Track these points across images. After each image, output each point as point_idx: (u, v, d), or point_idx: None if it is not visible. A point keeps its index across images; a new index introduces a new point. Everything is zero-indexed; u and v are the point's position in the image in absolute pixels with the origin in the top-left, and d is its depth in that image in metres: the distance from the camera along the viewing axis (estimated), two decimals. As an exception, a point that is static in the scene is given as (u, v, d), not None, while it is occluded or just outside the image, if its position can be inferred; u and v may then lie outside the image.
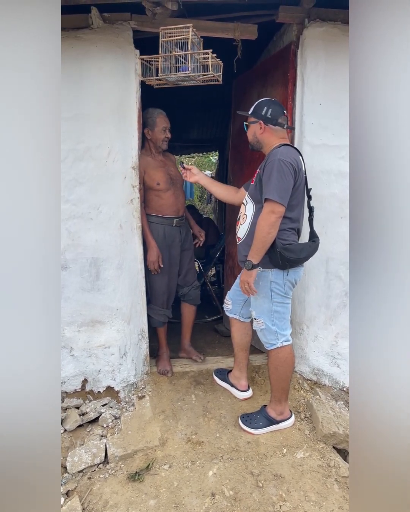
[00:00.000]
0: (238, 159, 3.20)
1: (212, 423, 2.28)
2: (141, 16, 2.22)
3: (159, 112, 2.55)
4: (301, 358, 2.63)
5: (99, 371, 2.45)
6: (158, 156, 2.63)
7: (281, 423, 2.22)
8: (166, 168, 2.64)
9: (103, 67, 2.25)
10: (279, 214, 1.90)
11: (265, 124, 2.06)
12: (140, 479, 1.90)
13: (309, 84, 2.39)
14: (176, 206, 2.64)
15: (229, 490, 1.85)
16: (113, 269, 2.43)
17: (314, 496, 1.83)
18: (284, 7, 2.28)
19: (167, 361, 2.74)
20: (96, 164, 2.33)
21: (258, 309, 2.14)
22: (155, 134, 2.54)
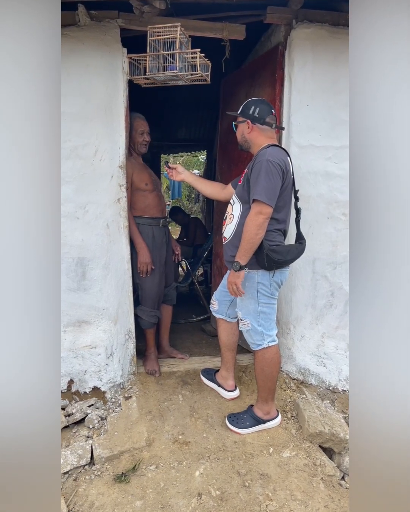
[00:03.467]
0: (226, 159, 3.20)
1: (198, 423, 2.28)
2: (129, 14, 2.21)
3: (136, 116, 2.56)
4: (288, 358, 2.65)
5: (85, 372, 2.43)
6: (139, 159, 2.67)
7: (267, 423, 2.23)
8: (149, 170, 2.70)
9: (90, 65, 2.23)
10: (266, 215, 1.91)
11: (253, 123, 2.06)
12: (126, 480, 1.89)
13: (297, 85, 2.40)
14: (161, 206, 2.69)
15: (216, 490, 1.85)
16: (100, 269, 2.42)
17: (300, 495, 1.84)
18: (271, 8, 2.29)
19: (155, 361, 2.73)
20: (83, 163, 2.31)
21: (244, 310, 2.15)
22: (133, 137, 2.55)
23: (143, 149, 2.62)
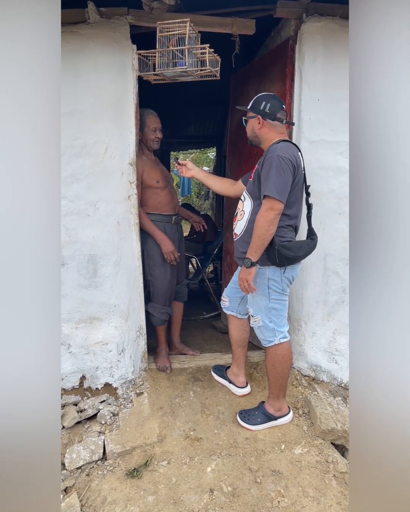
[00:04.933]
0: (236, 155, 3.19)
1: (210, 419, 2.28)
2: (139, 11, 2.20)
3: (149, 113, 2.56)
4: (299, 355, 2.63)
5: (97, 368, 2.45)
6: (151, 156, 2.67)
7: (279, 419, 2.23)
8: (161, 167, 2.70)
9: (100, 62, 2.24)
10: (278, 211, 1.89)
11: (263, 119, 2.04)
12: (138, 475, 1.91)
13: (307, 79, 2.38)
14: (173, 203, 2.69)
15: (227, 486, 1.85)
16: (111, 266, 2.43)
17: (312, 491, 1.83)
18: (282, 2, 2.27)
19: (166, 358, 2.74)
20: (93, 161, 2.32)
21: (255, 306, 2.14)
22: (145, 134, 2.55)
23: (155, 146, 2.62)
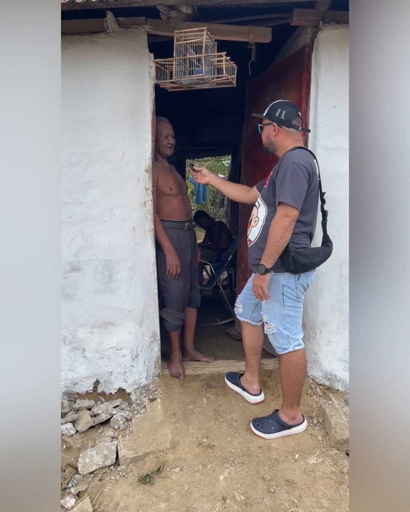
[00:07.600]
0: (251, 162, 3.19)
1: (223, 426, 2.27)
2: (156, 20, 2.24)
3: (160, 119, 2.59)
4: (314, 363, 2.60)
5: (111, 373, 2.46)
6: (165, 163, 2.70)
7: (293, 428, 2.20)
8: (174, 174, 2.73)
9: (118, 70, 2.28)
10: (292, 217, 1.89)
11: (279, 126, 2.05)
12: (151, 481, 1.90)
13: (323, 87, 2.38)
14: (186, 210, 2.71)
15: (240, 494, 1.83)
16: (126, 271, 2.44)
17: (326, 502, 1.80)
18: (298, 10, 2.28)
19: (179, 364, 2.74)
20: (110, 167, 2.35)
21: (270, 313, 2.13)
22: (157, 141, 2.58)
23: (168, 151, 2.65)
